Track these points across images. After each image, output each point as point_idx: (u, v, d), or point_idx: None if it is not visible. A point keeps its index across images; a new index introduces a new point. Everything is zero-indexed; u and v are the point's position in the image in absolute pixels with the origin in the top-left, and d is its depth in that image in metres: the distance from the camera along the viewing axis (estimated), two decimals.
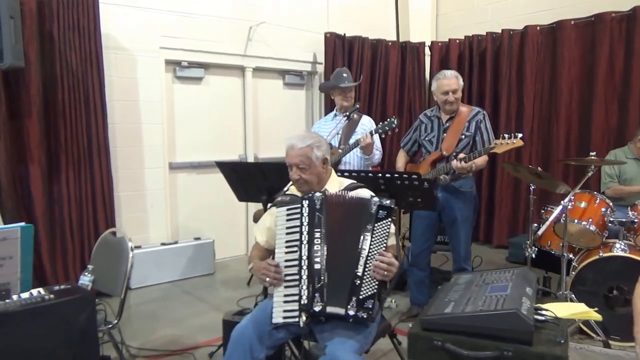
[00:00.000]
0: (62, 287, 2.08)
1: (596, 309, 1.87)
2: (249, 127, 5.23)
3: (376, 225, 1.96)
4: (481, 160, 3.12)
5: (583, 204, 3.39)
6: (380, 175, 2.73)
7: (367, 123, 3.62)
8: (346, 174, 2.80)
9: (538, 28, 5.13)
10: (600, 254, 3.14)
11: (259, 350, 1.99)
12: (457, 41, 5.85)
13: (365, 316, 1.87)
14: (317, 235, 1.98)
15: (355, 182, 2.32)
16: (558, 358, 1.55)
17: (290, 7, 5.32)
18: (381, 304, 1.94)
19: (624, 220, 3.32)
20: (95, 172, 4.09)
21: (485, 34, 5.56)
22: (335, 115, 3.72)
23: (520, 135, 2.89)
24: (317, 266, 1.94)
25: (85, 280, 2.52)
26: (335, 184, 2.28)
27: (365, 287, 1.90)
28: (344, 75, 3.66)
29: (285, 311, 2.02)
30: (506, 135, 2.92)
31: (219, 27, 4.85)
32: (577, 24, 4.85)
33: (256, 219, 4.36)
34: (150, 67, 4.50)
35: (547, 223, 3.07)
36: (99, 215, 4.13)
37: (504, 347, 1.61)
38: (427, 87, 6.18)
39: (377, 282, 1.91)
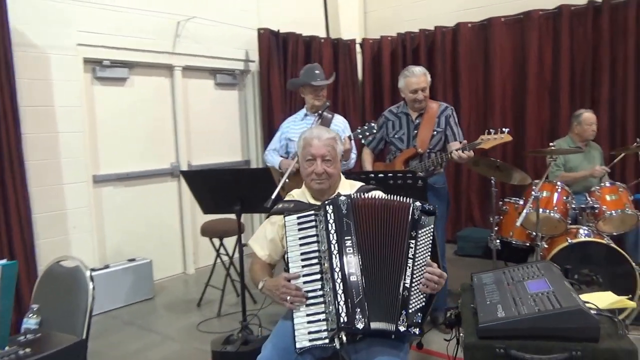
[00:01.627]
0: (30, 336, 1.70)
1: (629, 296, 1.91)
2: (180, 132, 4.86)
3: (420, 232, 1.83)
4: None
5: (545, 193, 3.54)
6: (372, 175, 2.61)
7: (340, 123, 3.47)
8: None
9: (470, 25, 5.35)
10: (569, 241, 3.29)
11: None
12: (389, 38, 5.93)
13: (417, 332, 1.74)
14: (348, 244, 1.80)
15: (364, 184, 2.18)
16: (630, 352, 1.53)
17: (220, 1, 5.04)
18: (424, 318, 1.81)
19: (583, 206, 3.53)
20: (8, 191, 3.53)
21: (418, 31, 5.69)
22: (306, 115, 3.53)
23: (507, 130, 2.93)
24: (353, 278, 1.76)
25: (31, 323, 2.14)
26: (347, 187, 2.13)
27: (414, 300, 1.77)
28: (317, 72, 3.46)
29: (310, 333, 1.83)
30: (492, 130, 2.95)
31: (144, 22, 4.45)
32: (507, 21, 5.13)
33: (206, 232, 4.05)
34: (67, 67, 4.00)
35: (524, 213, 3.14)
36: (15, 241, 3.57)
37: (571, 347, 1.56)
38: (360, 85, 6.22)
39: (424, 295, 1.78)
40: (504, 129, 2.94)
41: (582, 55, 4.73)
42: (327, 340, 1.80)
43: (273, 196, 2.51)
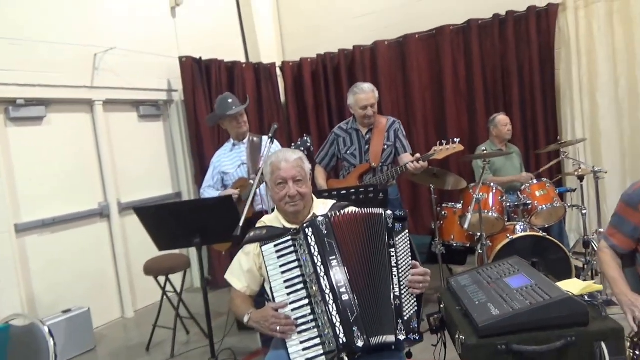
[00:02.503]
0: None
1: (594, 280, 2.06)
2: (106, 170, 4.57)
3: (397, 239, 1.87)
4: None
5: (482, 195, 3.75)
6: (335, 192, 2.62)
7: (274, 143, 3.46)
8: None
9: (386, 43, 5.59)
10: (509, 237, 3.51)
11: None
12: (309, 60, 6.03)
13: (417, 338, 1.76)
14: (334, 263, 1.80)
15: (335, 201, 2.18)
16: (617, 331, 1.66)
17: (138, 31, 4.87)
18: (419, 322, 1.84)
19: (517, 204, 3.78)
20: None
21: (337, 51, 5.84)
22: (234, 144, 3.47)
23: (458, 139, 3.07)
24: (345, 297, 1.75)
25: None
26: (320, 206, 2.12)
27: (407, 307, 1.79)
28: (229, 101, 3.43)
29: None
30: (444, 141, 3.08)
31: (59, 56, 4.17)
32: (421, 37, 5.42)
33: (150, 270, 3.83)
34: None
35: (469, 216, 3.30)
36: None
37: (565, 333, 1.66)
38: (285, 107, 6.25)
39: (415, 299, 1.82)
40: (455, 139, 3.09)
41: (492, 64, 5.11)
42: None
43: (241, 223, 2.44)
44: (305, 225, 1.83)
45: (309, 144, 3.07)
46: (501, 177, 4.32)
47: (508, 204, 3.78)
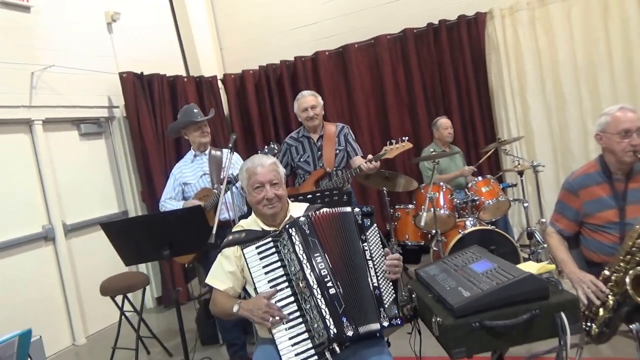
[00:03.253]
0: None
1: (547, 261, 2.30)
2: (49, 191, 4.43)
3: (367, 234, 2.00)
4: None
5: (434, 194, 3.99)
6: (301, 197, 2.73)
7: (233, 156, 3.52)
8: None
9: (327, 53, 5.78)
10: (461, 232, 3.76)
11: None
12: (251, 71, 6.12)
13: (400, 322, 1.89)
14: (319, 259, 1.91)
15: (308, 204, 2.30)
16: (573, 301, 1.88)
17: (76, 47, 4.77)
18: (399, 307, 1.99)
19: (465, 200, 4.05)
20: None
21: (279, 62, 5.97)
22: (196, 155, 3.51)
23: (406, 138, 3.27)
24: (332, 291, 1.87)
25: None
26: (295, 208, 2.23)
27: (386, 294, 1.93)
28: (195, 110, 3.50)
29: (298, 354, 1.88)
30: (393, 141, 3.27)
31: None
32: (360, 46, 5.66)
33: (107, 290, 3.75)
34: None
35: (424, 215, 3.52)
36: None
37: (530, 307, 1.85)
38: (229, 119, 6.29)
39: (392, 287, 1.95)
40: (404, 138, 3.30)
41: (430, 70, 5.43)
42: (316, 357, 1.87)
43: (214, 231, 2.49)
44: (288, 225, 1.94)
45: (275, 151, 3.17)
46: (446, 175, 4.59)
47: (457, 201, 4.04)
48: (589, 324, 2.28)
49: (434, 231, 3.98)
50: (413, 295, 2.29)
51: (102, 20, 5.14)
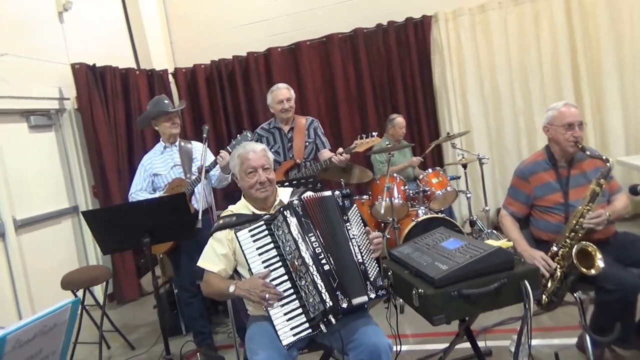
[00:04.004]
0: None
1: (506, 239, 2.58)
2: None
3: (349, 214, 2.17)
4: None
5: (390, 184, 4.23)
6: (278, 185, 2.84)
7: (201, 147, 3.58)
8: None
9: (279, 49, 5.90)
10: (414, 220, 4.03)
11: None
12: (203, 66, 6.12)
13: (384, 293, 2.08)
14: (313, 239, 2.05)
15: (293, 189, 2.44)
16: (534, 270, 2.16)
17: (26, 36, 4.59)
18: (383, 280, 2.17)
19: (417, 191, 4.32)
20: None
21: (231, 57, 6.02)
22: (166, 147, 3.52)
23: (375, 133, 3.47)
24: (326, 267, 2.02)
25: None
26: (282, 193, 2.36)
27: (370, 269, 2.10)
28: (165, 101, 3.52)
29: (292, 328, 2.03)
30: (363, 136, 3.45)
31: None
32: (312, 44, 5.82)
33: (69, 284, 3.68)
34: None
35: (382, 203, 3.74)
36: None
37: (499, 277, 2.10)
38: (179, 113, 6.21)
39: (375, 261, 2.13)
40: (373, 133, 3.49)
41: (379, 69, 5.69)
42: (310, 330, 2.02)
43: (200, 216, 2.57)
44: (282, 208, 2.07)
45: (249, 138, 3.27)
46: (396, 166, 4.86)
47: (410, 192, 4.31)
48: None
49: (389, 219, 4.22)
50: (389, 273, 2.49)
51: (54, 8, 4.98)
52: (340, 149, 3.45)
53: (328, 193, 2.22)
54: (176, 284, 3.43)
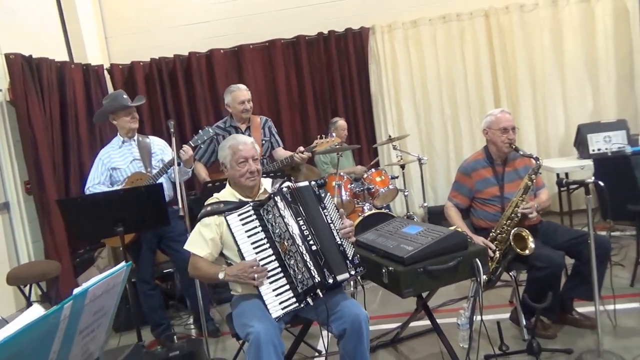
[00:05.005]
0: None
1: (454, 227, 2.98)
2: None
3: (325, 202, 2.45)
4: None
5: (339, 182, 4.55)
6: None
7: (160, 141, 3.70)
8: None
9: (222, 51, 6.06)
10: (361, 215, 4.37)
11: (281, 344, 2.18)
12: (142, 63, 6.12)
13: (362, 269, 2.37)
14: (302, 222, 2.31)
15: (272, 179, 2.68)
16: (483, 250, 2.57)
17: None
18: (358, 258, 2.46)
19: (362, 188, 4.69)
20: None
21: (172, 56, 6.07)
22: (124, 141, 3.59)
23: (334, 134, 3.76)
24: (314, 247, 2.28)
25: None
26: (265, 182, 2.60)
27: (348, 250, 2.39)
28: (124, 96, 3.59)
29: (281, 303, 2.27)
30: (323, 136, 3.72)
31: None
32: (255, 48, 6.04)
33: (18, 279, 3.62)
34: None
35: (335, 199, 4.05)
36: None
37: (456, 255, 2.48)
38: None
39: (351, 243, 2.42)
40: (332, 134, 3.79)
41: (319, 75, 6.02)
42: (297, 304, 2.27)
43: (182, 205, 2.72)
44: (273, 194, 2.31)
45: (211, 134, 3.44)
46: (344, 169, 5.19)
47: (356, 190, 4.66)
48: None
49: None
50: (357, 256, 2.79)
51: None
52: (301, 148, 3.71)
53: (305, 183, 2.48)
54: (136, 277, 3.50)
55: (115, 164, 3.50)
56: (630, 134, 4.75)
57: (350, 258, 2.39)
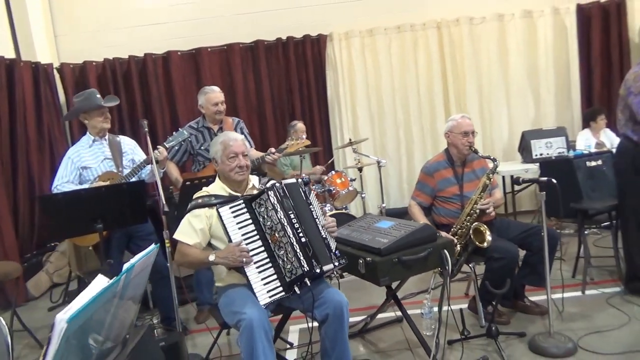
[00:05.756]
0: None
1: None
2: None
3: (310, 199, 2.65)
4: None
5: None
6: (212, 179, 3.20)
7: (130, 141, 3.76)
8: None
9: (179, 53, 6.12)
10: None
11: (271, 330, 2.35)
12: (94, 63, 6.07)
13: (344, 261, 2.57)
14: (292, 216, 2.49)
15: (256, 176, 2.84)
16: (451, 242, 2.84)
17: None
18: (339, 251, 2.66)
19: (323, 190, 4.91)
20: None
21: (127, 57, 6.07)
22: (95, 140, 3.61)
23: (304, 136, 3.94)
24: (303, 239, 2.46)
25: None
26: (253, 179, 2.76)
27: (332, 243, 2.59)
28: (98, 96, 3.62)
29: (269, 291, 2.44)
30: (295, 138, 3.89)
31: None
32: (213, 51, 6.15)
33: None
34: None
35: None
36: None
37: (426, 247, 2.74)
38: (65, 111, 6.12)
39: (333, 237, 2.62)
40: (303, 136, 3.98)
41: (278, 79, 6.21)
42: (284, 292, 2.45)
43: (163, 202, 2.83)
44: (267, 189, 2.48)
45: (186, 135, 3.54)
46: (298, 170, 5.39)
47: (318, 191, 4.87)
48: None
49: None
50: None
51: None
52: (272, 149, 3.88)
53: (294, 180, 2.66)
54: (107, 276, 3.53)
55: (85, 163, 3.52)
56: (568, 140, 5.26)
57: (333, 251, 2.58)
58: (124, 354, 1.37)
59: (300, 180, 2.68)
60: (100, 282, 1.12)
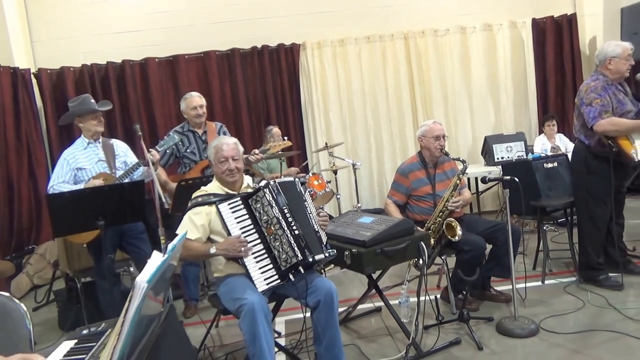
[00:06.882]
0: None
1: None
2: None
3: (305, 196, 2.89)
4: None
5: None
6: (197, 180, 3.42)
7: (122, 144, 3.91)
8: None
9: (157, 60, 6.26)
10: None
11: (270, 314, 2.58)
12: (72, 69, 6.15)
13: (333, 252, 2.81)
14: (286, 211, 2.72)
15: (249, 177, 3.06)
16: (427, 235, 3.13)
17: None
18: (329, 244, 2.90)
19: None
20: None
21: (105, 63, 6.17)
22: (89, 143, 3.74)
23: (286, 137, 4.18)
24: (297, 232, 2.69)
25: None
26: (248, 179, 2.98)
27: (322, 236, 2.83)
28: (92, 100, 3.75)
29: (266, 279, 2.67)
30: (273, 141, 4.11)
31: None
32: (190, 58, 6.32)
33: None
34: None
35: None
36: None
37: (404, 239, 3.02)
38: (44, 116, 6.17)
39: (324, 231, 2.87)
40: (284, 137, 4.21)
41: (253, 86, 6.43)
42: (279, 280, 2.68)
43: (164, 200, 3.01)
44: (263, 186, 2.70)
45: (176, 140, 3.72)
46: (276, 173, 5.62)
47: None
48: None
49: None
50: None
51: None
52: (255, 150, 4.10)
53: (291, 179, 2.90)
54: (97, 274, 3.66)
55: (80, 164, 3.64)
56: (527, 144, 5.68)
57: (324, 243, 2.83)
58: (164, 323, 1.57)
59: (297, 179, 2.92)
60: (156, 256, 1.32)
